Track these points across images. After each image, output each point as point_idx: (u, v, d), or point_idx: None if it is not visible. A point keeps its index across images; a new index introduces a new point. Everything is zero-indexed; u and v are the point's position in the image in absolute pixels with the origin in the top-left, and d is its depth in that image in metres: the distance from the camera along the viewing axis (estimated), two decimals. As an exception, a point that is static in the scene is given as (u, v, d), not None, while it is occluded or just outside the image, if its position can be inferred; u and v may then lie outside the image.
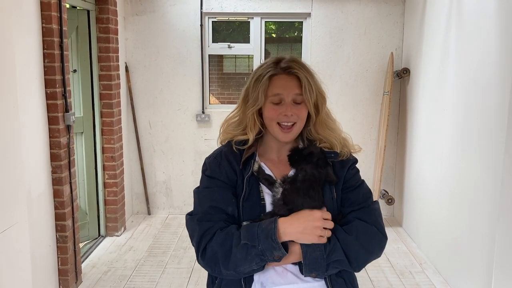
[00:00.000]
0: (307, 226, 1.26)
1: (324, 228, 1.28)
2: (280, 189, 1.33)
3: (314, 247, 1.28)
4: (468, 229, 2.97)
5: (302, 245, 1.28)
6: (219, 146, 1.49)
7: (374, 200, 1.43)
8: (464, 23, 3.10)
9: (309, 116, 1.40)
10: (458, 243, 3.12)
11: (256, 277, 1.33)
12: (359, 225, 1.33)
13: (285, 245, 1.27)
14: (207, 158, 1.45)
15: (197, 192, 1.42)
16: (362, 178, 1.46)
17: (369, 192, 1.43)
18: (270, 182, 1.37)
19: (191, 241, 1.36)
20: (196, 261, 1.34)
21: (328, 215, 1.31)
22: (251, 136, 1.40)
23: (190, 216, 1.40)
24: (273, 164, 1.43)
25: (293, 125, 1.36)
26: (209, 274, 1.47)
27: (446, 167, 3.34)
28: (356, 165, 1.47)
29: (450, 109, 3.29)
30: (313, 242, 1.27)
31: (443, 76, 3.43)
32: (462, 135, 3.08)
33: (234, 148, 1.41)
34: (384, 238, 1.37)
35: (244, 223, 1.32)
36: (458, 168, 3.14)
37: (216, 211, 1.34)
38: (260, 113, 1.41)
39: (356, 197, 1.39)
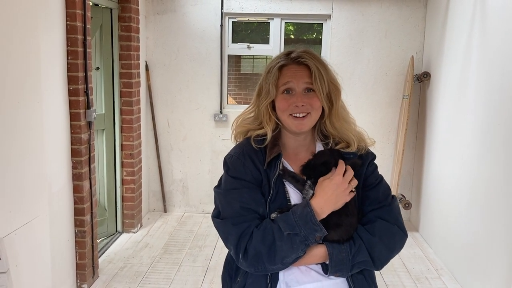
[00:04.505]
0: (338, 194, 1.28)
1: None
2: (311, 191, 1.32)
3: (340, 249, 1.29)
4: (487, 236, 2.93)
5: (328, 247, 1.29)
6: (237, 143, 1.46)
7: (392, 195, 1.43)
8: (488, 27, 3.06)
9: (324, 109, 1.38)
10: (476, 249, 3.08)
11: (281, 276, 1.33)
12: (382, 225, 1.34)
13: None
14: (228, 158, 1.40)
15: (223, 193, 1.36)
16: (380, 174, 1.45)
17: (388, 189, 1.42)
18: (296, 180, 1.36)
19: (226, 244, 1.34)
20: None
21: (342, 169, 1.31)
22: (268, 130, 1.38)
23: (220, 219, 1.35)
24: (292, 161, 1.41)
25: (306, 115, 1.34)
26: (226, 271, 1.45)
27: (465, 172, 3.30)
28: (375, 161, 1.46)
29: (471, 114, 3.25)
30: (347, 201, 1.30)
31: (465, 80, 3.39)
32: (482, 141, 3.04)
33: (254, 146, 1.38)
34: (405, 236, 1.38)
35: (273, 215, 1.31)
36: (477, 174, 3.10)
37: (248, 212, 1.31)
38: (273, 106, 1.39)
39: (376, 195, 1.39)
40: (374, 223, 1.34)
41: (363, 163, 1.39)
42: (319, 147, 1.44)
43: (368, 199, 1.38)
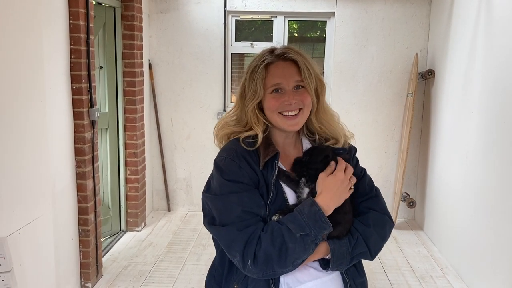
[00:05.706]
0: (342, 191, 1.29)
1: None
2: (306, 189, 1.31)
3: (341, 243, 1.29)
4: (492, 234, 2.91)
5: (329, 242, 1.28)
6: (224, 146, 1.39)
7: (375, 187, 1.47)
8: (493, 24, 3.03)
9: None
10: (481, 248, 3.06)
11: (282, 278, 1.30)
12: (374, 215, 1.37)
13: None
14: (220, 160, 1.33)
15: (219, 198, 1.29)
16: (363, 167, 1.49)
17: (371, 181, 1.46)
18: (290, 179, 1.34)
19: (229, 252, 1.26)
20: (243, 269, 1.25)
21: (344, 165, 1.32)
22: (259, 131, 1.32)
23: (218, 226, 1.27)
24: (283, 160, 1.38)
25: (298, 113, 1.31)
26: (212, 278, 1.40)
27: (470, 170, 3.28)
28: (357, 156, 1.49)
29: (475, 112, 3.23)
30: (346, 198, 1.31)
31: (469, 78, 3.37)
32: (487, 139, 3.02)
33: (244, 146, 1.32)
34: (393, 224, 1.43)
35: (274, 217, 1.27)
36: (482, 172, 3.08)
37: (251, 216, 1.25)
38: (260, 107, 1.34)
39: (363, 186, 1.41)
40: (367, 214, 1.37)
41: (349, 157, 1.42)
42: (306, 143, 1.43)
43: (357, 192, 1.39)
